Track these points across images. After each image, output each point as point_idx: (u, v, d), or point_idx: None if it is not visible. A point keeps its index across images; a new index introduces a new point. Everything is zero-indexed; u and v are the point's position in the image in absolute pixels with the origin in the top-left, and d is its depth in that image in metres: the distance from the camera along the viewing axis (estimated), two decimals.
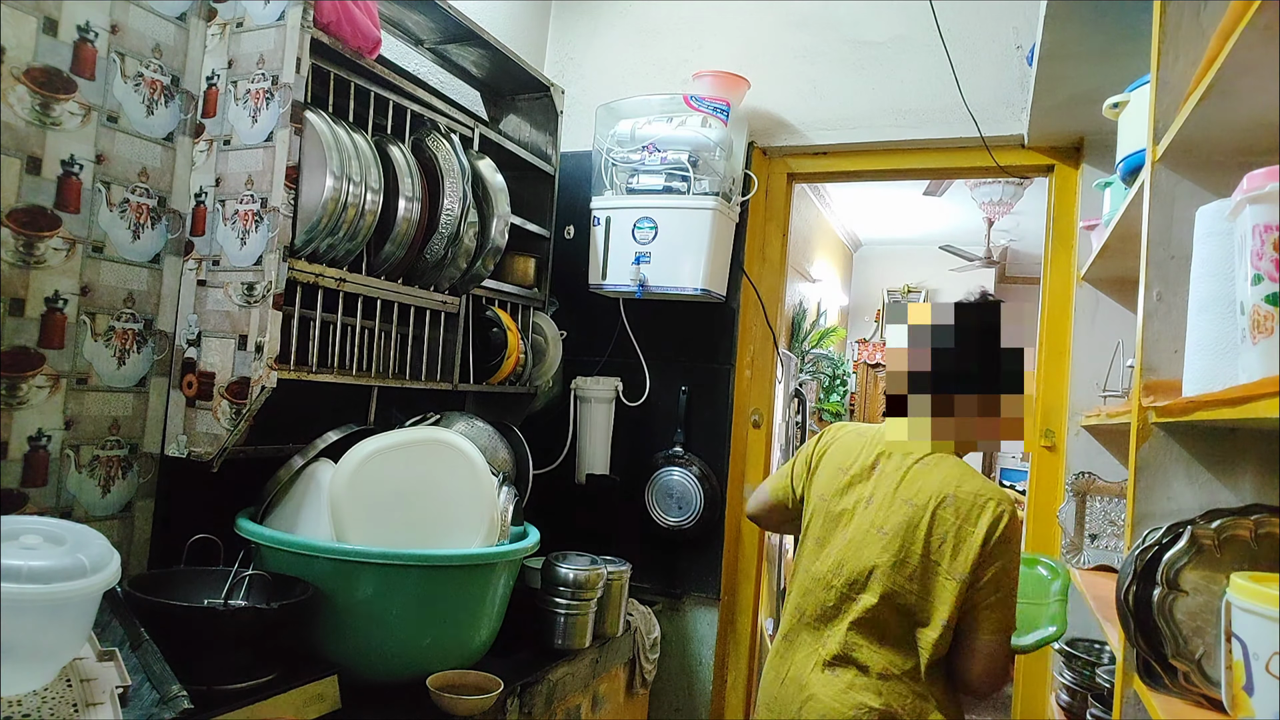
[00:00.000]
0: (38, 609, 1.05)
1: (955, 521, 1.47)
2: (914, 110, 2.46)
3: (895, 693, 1.50)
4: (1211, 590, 0.96)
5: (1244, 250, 0.84)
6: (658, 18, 2.77)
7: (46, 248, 1.46)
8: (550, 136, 2.51)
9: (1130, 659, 1.11)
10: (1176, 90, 1.13)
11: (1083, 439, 2.21)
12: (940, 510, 1.49)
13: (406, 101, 1.92)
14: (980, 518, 1.46)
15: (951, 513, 1.48)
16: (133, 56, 1.59)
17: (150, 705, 1.15)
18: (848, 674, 1.53)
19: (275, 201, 1.57)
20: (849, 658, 1.53)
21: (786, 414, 3.53)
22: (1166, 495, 1.14)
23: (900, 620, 1.51)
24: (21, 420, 1.44)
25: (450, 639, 1.64)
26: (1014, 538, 1.47)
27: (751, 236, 2.62)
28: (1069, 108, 2.07)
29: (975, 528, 1.46)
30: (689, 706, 2.56)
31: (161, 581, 1.47)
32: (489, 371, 2.22)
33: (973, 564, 1.45)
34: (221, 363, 1.60)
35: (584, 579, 1.96)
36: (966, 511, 1.47)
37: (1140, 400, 1.16)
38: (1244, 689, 0.78)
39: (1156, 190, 1.18)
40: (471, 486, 1.73)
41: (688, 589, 2.58)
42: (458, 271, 2.01)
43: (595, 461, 2.57)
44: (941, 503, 1.49)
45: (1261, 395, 0.74)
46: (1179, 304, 1.12)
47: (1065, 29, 1.68)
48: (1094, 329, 2.20)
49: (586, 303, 2.62)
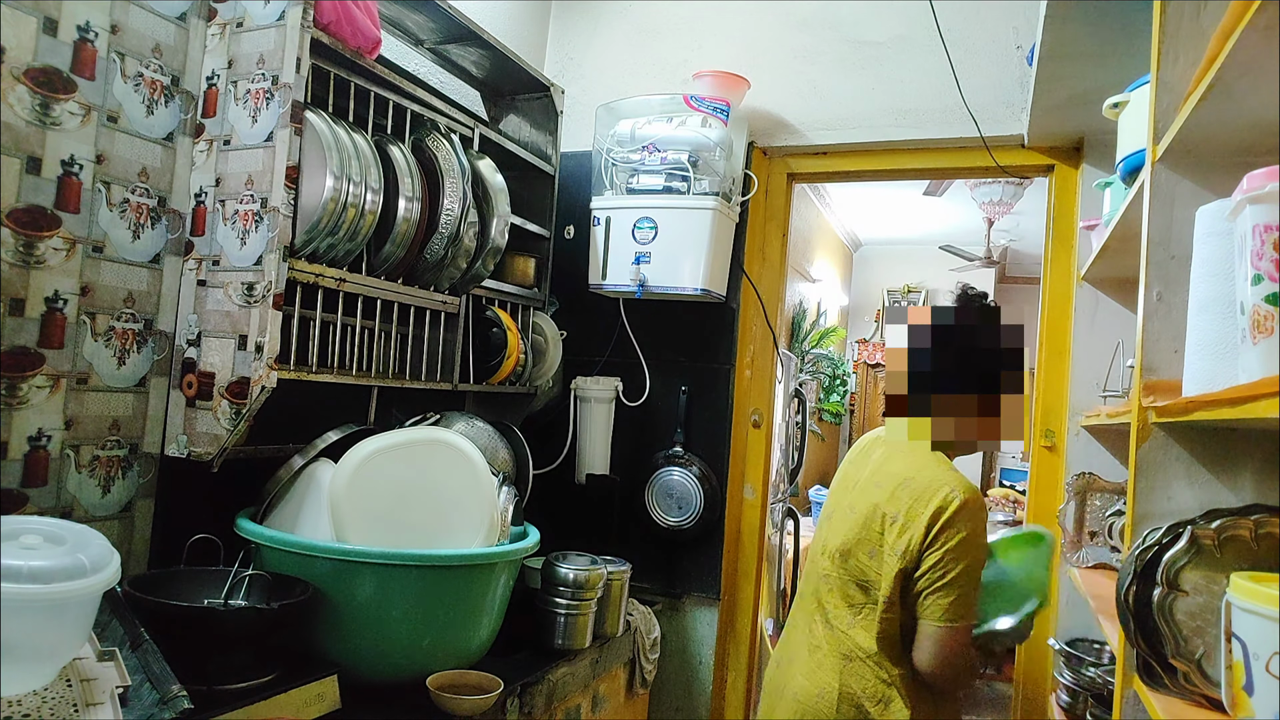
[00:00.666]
0: (38, 609, 1.05)
1: (908, 502, 1.51)
2: (914, 110, 2.46)
3: (856, 674, 1.54)
4: (1211, 590, 0.96)
5: (1244, 250, 0.84)
6: (658, 18, 2.77)
7: (46, 248, 1.46)
8: (550, 136, 2.51)
9: (1130, 659, 1.11)
10: (1176, 90, 1.13)
11: (1083, 439, 2.21)
12: (898, 491, 1.53)
13: (406, 101, 1.92)
14: (930, 501, 1.48)
15: (907, 494, 1.52)
16: (133, 56, 1.59)
17: (150, 705, 1.14)
18: (818, 654, 1.60)
19: (275, 201, 1.57)
20: (823, 638, 1.60)
21: (786, 414, 3.52)
22: (1166, 495, 1.14)
23: (865, 599, 1.56)
24: (21, 420, 1.44)
25: (450, 639, 1.64)
26: (962, 525, 1.46)
27: (751, 236, 2.62)
28: (1069, 108, 2.07)
29: (924, 510, 1.48)
30: (689, 706, 2.56)
31: (161, 581, 1.47)
32: (489, 371, 2.22)
33: (917, 545, 1.48)
34: (221, 363, 1.60)
35: (584, 579, 1.96)
36: (919, 494, 1.50)
37: (1140, 400, 1.16)
38: (1244, 689, 0.79)
39: (1156, 190, 1.18)
40: (471, 486, 1.73)
41: (688, 589, 2.58)
42: (458, 271, 2.01)
43: (595, 461, 2.57)
44: (901, 485, 1.54)
45: (1261, 395, 0.74)
46: (1179, 304, 1.12)
47: (1065, 29, 1.68)
48: (1094, 329, 2.20)
49: (586, 303, 2.62)
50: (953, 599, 1.46)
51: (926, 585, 1.48)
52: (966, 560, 1.46)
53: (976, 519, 1.48)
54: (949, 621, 1.46)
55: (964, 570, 1.46)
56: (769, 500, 2.75)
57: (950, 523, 1.46)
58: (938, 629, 1.47)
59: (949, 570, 1.46)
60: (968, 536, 1.47)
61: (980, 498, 1.50)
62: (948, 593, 1.46)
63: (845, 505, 1.65)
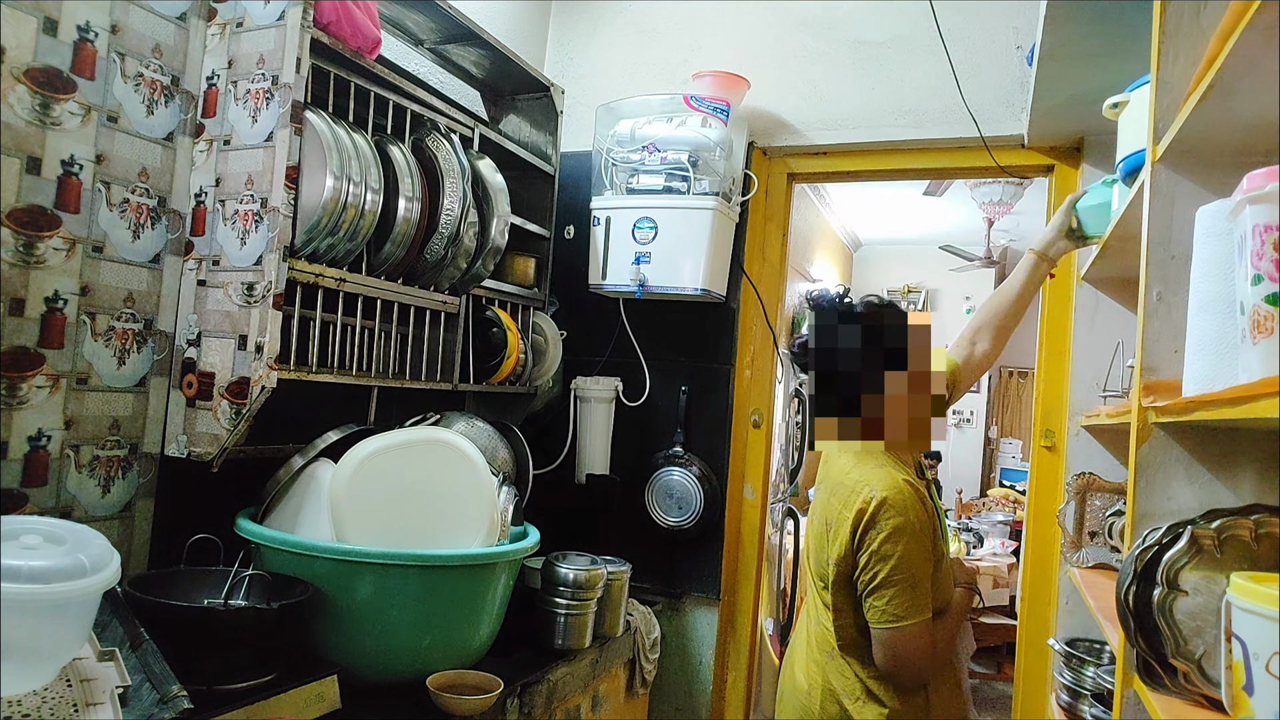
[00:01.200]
0: (38, 609, 1.05)
1: (838, 508, 1.52)
2: (914, 110, 2.46)
3: (836, 670, 1.56)
4: (1211, 590, 0.96)
5: (1244, 250, 0.84)
6: (657, 17, 2.77)
7: (46, 248, 1.46)
8: (550, 136, 2.51)
9: (1130, 659, 1.11)
10: (1176, 90, 1.13)
11: (1083, 439, 2.21)
12: (832, 497, 1.56)
13: (406, 101, 1.92)
14: (853, 504, 1.48)
15: (837, 499, 1.53)
16: (133, 56, 1.59)
17: (150, 705, 1.14)
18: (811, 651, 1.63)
19: (275, 201, 1.57)
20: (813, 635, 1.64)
21: (786, 414, 3.53)
22: (1166, 495, 1.14)
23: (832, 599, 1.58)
24: (21, 420, 1.44)
25: (450, 639, 1.64)
26: (884, 523, 1.44)
27: (751, 236, 2.62)
28: (1069, 108, 2.06)
29: (849, 513, 1.48)
30: (689, 706, 2.56)
31: (161, 581, 1.47)
32: (489, 371, 2.22)
33: (843, 550, 1.48)
34: (221, 363, 1.60)
35: (584, 579, 1.96)
36: (845, 498, 1.51)
37: (1140, 400, 1.16)
38: (1244, 689, 0.78)
39: (1156, 190, 1.18)
40: (471, 486, 1.73)
41: (688, 589, 2.58)
42: (458, 271, 2.01)
43: (595, 461, 2.57)
44: (834, 489, 1.56)
45: (1261, 395, 0.74)
46: (1179, 304, 1.12)
47: (1065, 29, 1.68)
48: (1094, 329, 2.20)
49: (586, 303, 2.62)
50: (888, 599, 1.44)
51: (863, 588, 1.47)
52: (894, 558, 1.43)
53: (903, 514, 1.44)
54: (890, 623, 1.45)
55: (895, 567, 1.43)
56: (769, 500, 2.75)
57: (873, 522, 1.45)
58: (880, 631, 1.46)
59: (879, 570, 1.44)
60: (891, 533, 1.43)
61: (906, 493, 1.46)
62: (882, 593, 1.44)
63: (815, 506, 1.68)
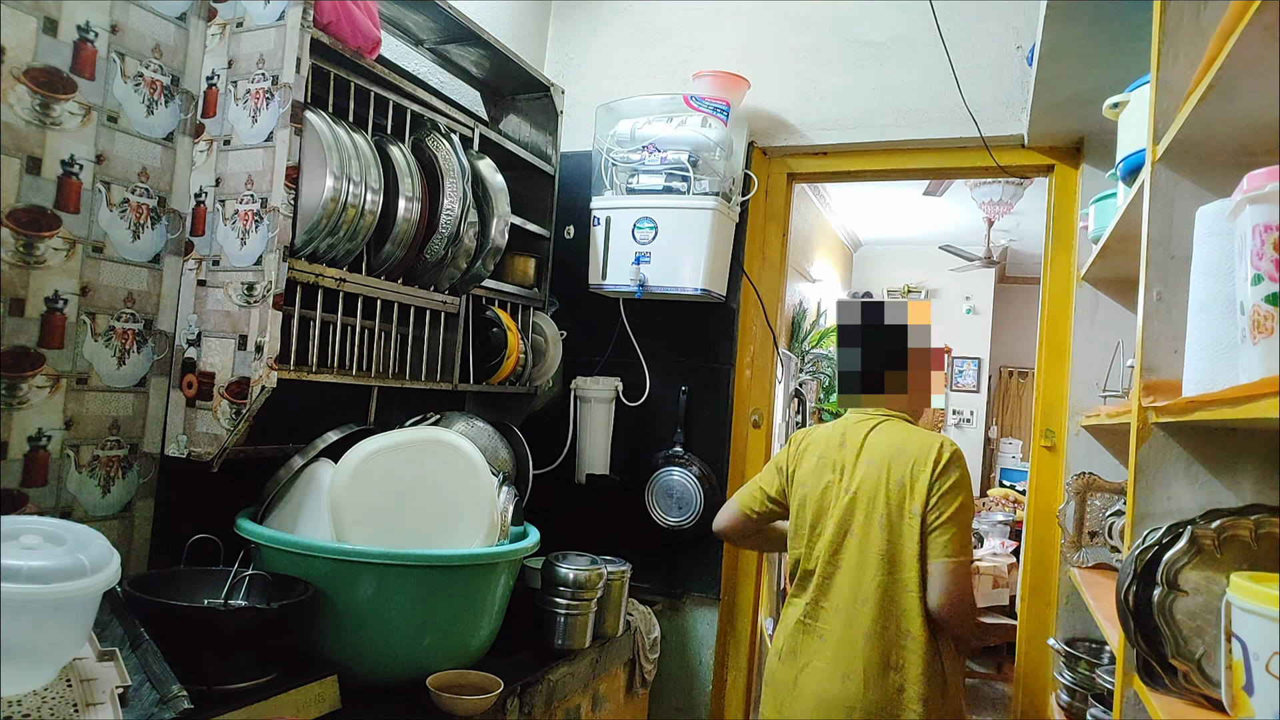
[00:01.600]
0: (38, 609, 1.05)
1: (908, 466, 1.73)
2: (914, 110, 2.46)
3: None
4: (1211, 590, 0.96)
5: (1244, 250, 0.84)
6: (657, 18, 2.77)
7: (46, 248, 1.46)
8: (550, 136, 2.51)
9: (1130, 659, 1.11)
10: (1176, 90, 1.13)
11: (1083, 439, 2.21)
12: (893, 461, 1.75)
13: (406, 101, 1.92)
14: (929, 457, 1.73)
15: (904, 460, 1.75)
16: (133, 56, 1.59)
17: (150, 705, 1.15)
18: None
19: (275, 201, 1.57)
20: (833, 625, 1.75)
21: (786, 414, 3.53)
22: (1166, 495, 1.14)
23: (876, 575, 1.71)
24: (21, 420, 1.44)
25: (450, 639, 1.64)
26: (954, 471, 1.71)
27: (751, 236, 2.62)
28: (1069, 108, 2.07)
29: (925, 465, 1.72)
30: (689, 706, 2.56)
31: (161, 581, 1.47)
32: (489, 371, 2.22)
33: (924, 495, 1.70)
34: (221, 363, 1.60)
35: (584, 579, 1.96)
36: (915, 454, 1.74)
37: (1140, 400, 1.16)
38: (1244, 689, 0.78)
39: (1156, 190, 1.18)
40: (471, 486, 1.73)
41: (688, 589, 2.58)
42: (458, 271, 2.01)
43: (595, 461, 2.57)
44: (895, 455, 1.76)
45: (1261, 395, 0.74)
46: (1179, 304, 1.12)
47: (1065, 29, 1.68)
48: (1094, 329, 2.20)
49: (586, 303, 2.62)
50: (952, 534, 1.67)
51: (930, 524, 1.69)
52: (959, 501, 1.69)
53: (963, 468, 1.74)
54: (952, 556, 1.67)
55: (960, 508, 1.69)
56: None
57: (948, 467, 1.71)
58: (942, 565, 1.67)
59: (944, 510, 1.69)
60: (960, 479, 1.71)
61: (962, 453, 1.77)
62: (946, 528, 1.68)
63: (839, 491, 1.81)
